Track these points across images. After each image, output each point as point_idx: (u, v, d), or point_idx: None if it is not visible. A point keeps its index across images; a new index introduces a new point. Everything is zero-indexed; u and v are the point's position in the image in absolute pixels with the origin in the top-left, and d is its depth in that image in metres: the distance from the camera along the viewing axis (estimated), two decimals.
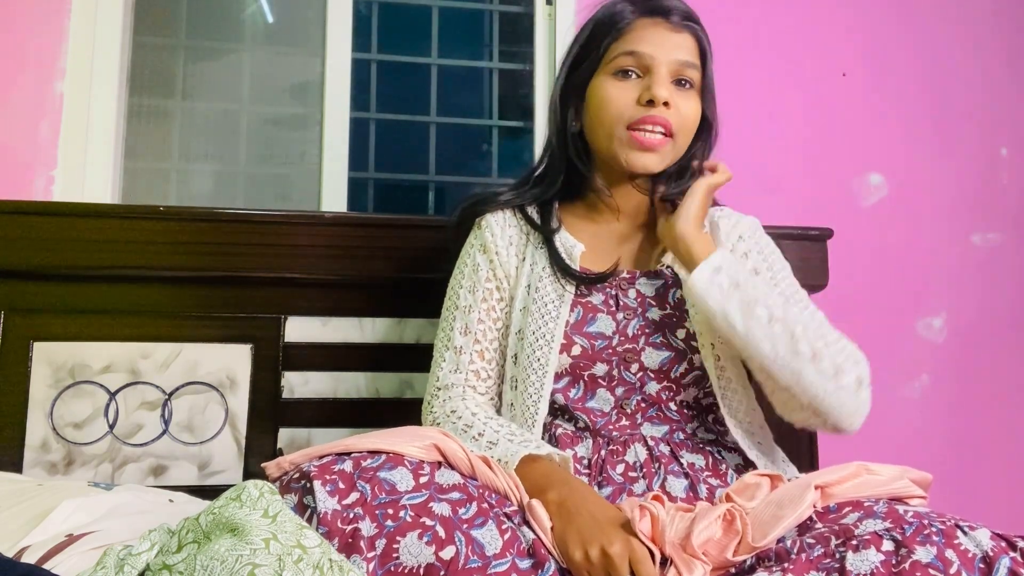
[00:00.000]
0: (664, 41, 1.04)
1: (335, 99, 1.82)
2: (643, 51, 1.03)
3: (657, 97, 1.01)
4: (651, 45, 1.03)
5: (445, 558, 0.75)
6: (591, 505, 0.85)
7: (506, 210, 1.15)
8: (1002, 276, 1.94)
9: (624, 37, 1.05)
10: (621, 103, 1.03)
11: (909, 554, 0.71)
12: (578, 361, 1.03)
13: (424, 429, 0.89)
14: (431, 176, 2.08)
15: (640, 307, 1.06)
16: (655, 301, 1.07)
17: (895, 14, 1.96)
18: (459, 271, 1.14)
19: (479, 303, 1.09)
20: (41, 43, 1.62)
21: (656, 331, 1.04)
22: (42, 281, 1.32)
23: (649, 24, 1.05)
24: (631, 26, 1.05)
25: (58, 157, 1.61)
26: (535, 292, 1.07)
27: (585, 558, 0.79)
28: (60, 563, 0.85)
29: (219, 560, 0.63)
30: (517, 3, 2.07)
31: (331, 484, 0.76)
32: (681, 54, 1.04)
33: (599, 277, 1.07)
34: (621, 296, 1.07)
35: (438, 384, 1.08)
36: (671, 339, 1.04)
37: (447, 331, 1.11)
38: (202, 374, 1.35)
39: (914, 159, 1.93)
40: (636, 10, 1.06)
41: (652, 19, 1.05)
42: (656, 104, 1.02)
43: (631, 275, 1.09)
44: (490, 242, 1.12)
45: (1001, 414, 1.91)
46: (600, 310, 1.06)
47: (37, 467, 1.29)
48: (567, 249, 1.09)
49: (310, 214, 1.46)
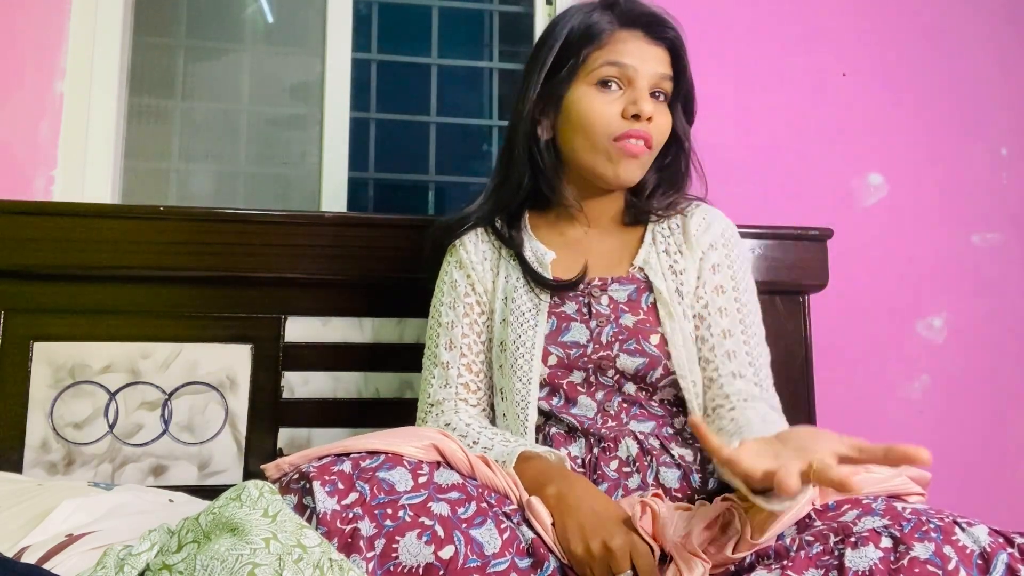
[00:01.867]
0: (644, 53, 1.04)
1: (335, 99, 1.82)
2: (627, 63, 1.03)
3: (643, 112, 1.02)
4: (633, 57, 1.04)
5: (444, 557, 0.75)
6: (591, 500, 0.85)
7: (476, 229, 1.15)
8: (1002, 276, 1.94)
9: (605, 47, 1.05)
10: (606, 115, 1.03)
11: (907, 551, 0.71)
12: (555, 371, 1.03)
13: (423, 429, 0.90)
14: (431, 176, 2.09)
15: (613, 313, 1.05)
16: (628, 307, 1.06)
17: (895, 14, 1.96)
18: (439, 290, 1.15)
19: (461, 318, 1.10)
20: (41, 43, 1.62)
21: (630, 337, 1.03)
22: (42, 281, 1.32)
23: (628, 36, 1.05)
24: (612, 36, 1.05)
25: (58, 157, 1.61)
26: (512, 303, 1.07)
27: (587, 551, 0.79)
28: (60, 563, 0.85)
29: (219, 560, 0.63)
30: (517, 3, 2.07)
31: (330, 484, 0.76)
32: (659, 67, 1.05)
33: (571, 283, 1.06)
34: (593, 303, 1.06)
35: (430, 401, 1.08)
36: (645, 345, 1.03)
37: (432, 349, 1.11)
38: (202, 374, 1.36)
39: (914, 159, 1.93)
40: (615, 19, 1.06)
41: (631, 31, 1.05)
42: (641, 119, 1.02)
43: (603, 282, 1.08)
44: (465, 259, 1.12)
45: (1001, 414, 1.91)
46: (574, 319, 1.05)
47: (37, 467, 1.30)
48: (538, 258, 1.10)
49: (310, 214, 1.46)
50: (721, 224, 1.12)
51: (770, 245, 1.51)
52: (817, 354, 1.56)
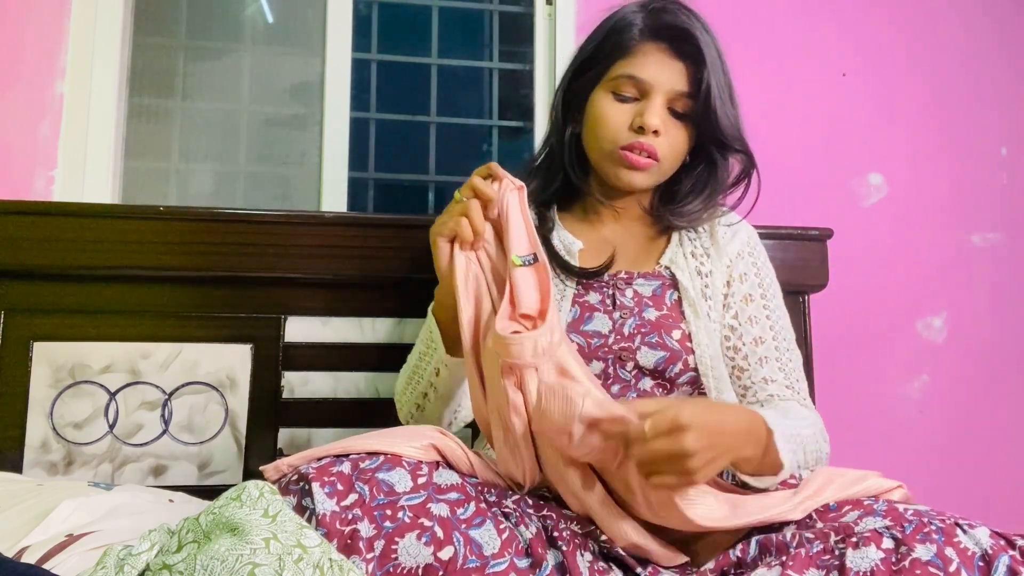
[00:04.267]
0: (664, 68, 1.05)
1: (335, 99, 1.82)
2: (643, 77, 1.04)
3: (647, 125, 1.03)
4: (651, 72, 1.04)
5: (443, 558, 0.75)
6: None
7: None
8: (1002, 276, 1.94)
9: (627, 59, 1.06)
10: (615, 125, 1.05)
11: (909, 552, 0.71)
12: None
13: (422, 428, 0.89)
14: (431, 176, 2.08)
15: (637, 307, 1.06)
16: (652, 302, 1.07)
17: (895, 14, 1.96)
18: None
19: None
20: (41, 43, 1.62)
21: (652, 331, 1.04)
22: (42, 281, 1.32)
23: (653, 49, 1.05)
24: (637, 48, 1.05)
25: (58, 157, 1.61)
26: None
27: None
28: (60, 563, 0.85)
29: (219, 560, 0.63)
30: (517, 3, 2.07)
31: (329, 486, 0.76)
32: (677, 84, 1.05)
33: (597, 271, 1.08)
34: (618, 295, 1.07)
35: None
36: (666, 339, 1.04)
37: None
38: (202, 374, 1.36)
39: (914, 159, 1.93)
40: (645, 29, 1.06)
41: (657, 44, 1.05)
42: (646, 132, 1.03)
43: (628, 275, 1.09)
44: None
45: (1001, 414, 1.91)
46: (597, 309, 1.06)
47: (37, 467, 1.29)
48: (566, 246, 1.11)
49: (310, 214, 1.46)
50: (746, 231, 1.16)
51: (770, 245, 1.50)
52: (817, 354, 1.56)
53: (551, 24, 1.89)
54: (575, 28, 1.86)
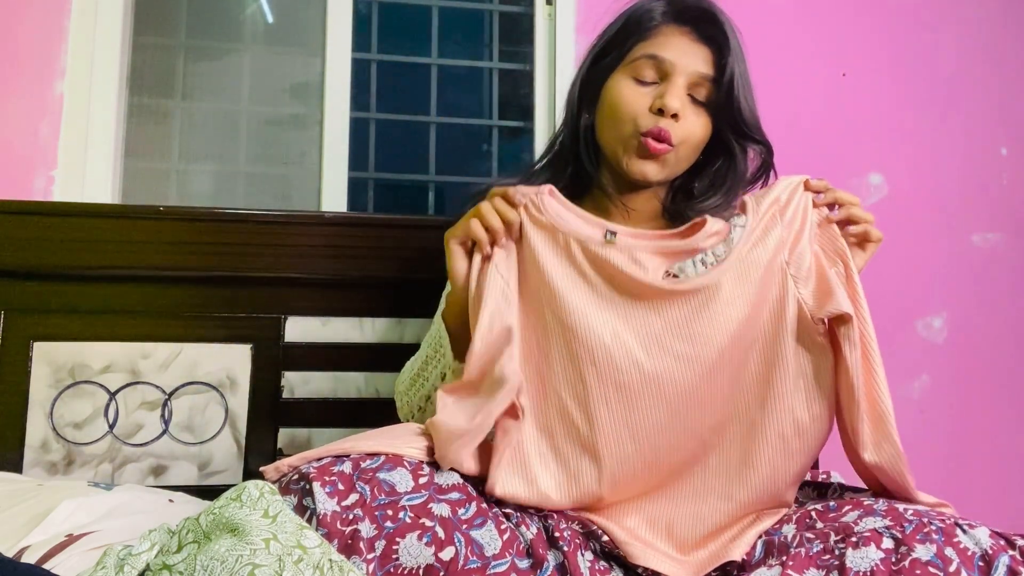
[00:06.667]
0: (687, 50, 1.01)
1: (335, 99, 1.82)
2: (665, 56, 1.00)
3: (667, 107, 0.98)
4: (673, 52, 1.01)
5: (445, 559, 0.75)
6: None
7: None
8: (1002, 276, 1.94)
9: (649, 40, 1.02)
10: (633, 107, 1.00)
11: (909, 552, 0.71)
12: None
13: (423, 428, 0.89)
14: (431, 176, 2.08)
15: None
16: None
17: (895, 14, 1.96)
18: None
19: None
20: (41, 43, 1.62)
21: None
22: (42, 281, 1.32)
23: (675, 31, 1.02)
24: (658, 30, 1.02)
25: (58, 157, 1.61)
26: None
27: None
28: (60, 563, 0.85)
29: (219, 560, 0.63)
30: (517, 3, 2.07)
31: (330, 485, 0.76)
32: (700, 67, 1.01)
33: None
34: None
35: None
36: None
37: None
38: (202, 374, 1.35)
39: (914, 159, 1.93)
40: (668, 12, 1.03)
41: (679, 27, 1.02)
42: (666, 115, 0.99)
43: None
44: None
45: (1001, 414, 1.91)
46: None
47: (37, 467, 1.29)
48: None
49: (310, 214, 1.46)
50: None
51: None
52: None
53: (551, 24, 1.89)
54: (575, 28, 1.86)
